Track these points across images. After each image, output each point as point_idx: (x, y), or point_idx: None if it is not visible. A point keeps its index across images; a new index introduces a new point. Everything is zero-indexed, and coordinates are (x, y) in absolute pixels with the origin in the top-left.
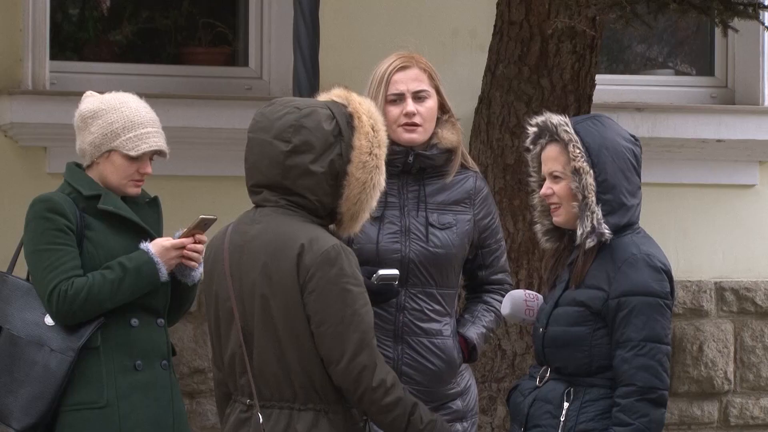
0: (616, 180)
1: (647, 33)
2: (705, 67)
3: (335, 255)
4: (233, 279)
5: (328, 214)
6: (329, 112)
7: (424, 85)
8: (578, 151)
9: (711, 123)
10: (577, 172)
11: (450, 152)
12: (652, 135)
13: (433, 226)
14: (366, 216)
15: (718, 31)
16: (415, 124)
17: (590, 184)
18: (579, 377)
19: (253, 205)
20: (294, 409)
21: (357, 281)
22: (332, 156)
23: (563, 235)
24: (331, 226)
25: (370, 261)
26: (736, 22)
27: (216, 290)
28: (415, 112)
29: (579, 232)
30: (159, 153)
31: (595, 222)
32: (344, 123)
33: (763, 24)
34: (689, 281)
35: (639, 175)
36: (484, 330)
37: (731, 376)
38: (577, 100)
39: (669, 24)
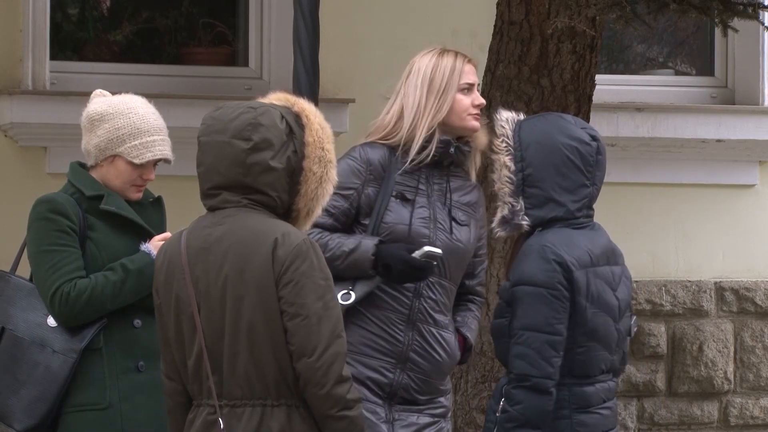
0: (545, 174)
1: (647, 33)
2: (705, 67)
3: (306, 249)
4: (195, 283)
5: (285, 212)
6: (279, 112)
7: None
8: (504, 145)
9: (711, 123)
10: (493, 163)
11: (476, 153)
12: (652, 135)
13: (455, 220)
14: (319, 211)
15: (718, 31)
16: (480, 114)
17: (505, 176)
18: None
19: (207, 210)
20: (267, 405)
21: (325, 276)
22: (288, 153)
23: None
24: None
25: (401, 241)
26: (736, 22)
27: (176, 296)
28: (484, 102)
29: (493, 223)
30: (164, 160)
31: (507, 213)
32: (293, 121)
33: (763, 24)
34: (689, 281)
35: (586, 174)
36: (475, 336)
37: (731, 376)
38: (577, 100)
39: (669, 24)
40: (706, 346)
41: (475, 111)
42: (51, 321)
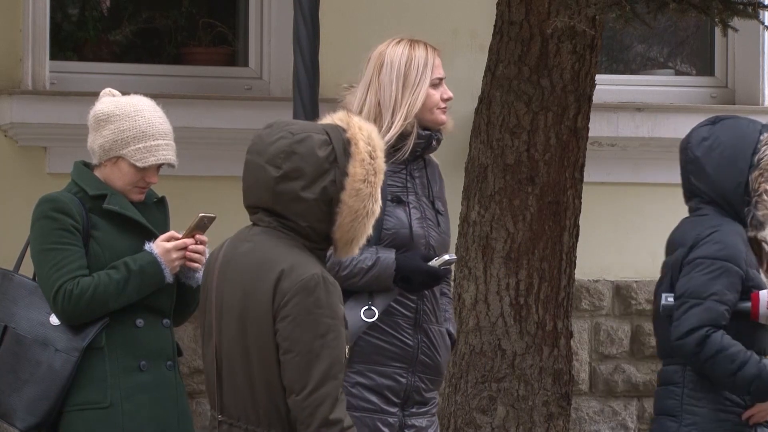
0: None
1: (647, 33)
2: (705, 67)
3: (314, 285)
4: (217, 294)
5: (323, 239)
6: (325, 138)
7: None
8: None
9: None
10: None
11: None
12: (652, 135)
13: (438, 213)
14: (362, 241)
15: (718, 31)
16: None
17: None
18: None
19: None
20: None
21: (332, 313)
22: (325, 183)
23: None
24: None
25: (405, 245)
26: (736, 22)
27: (205, 299)
28: (452, 96)
29: None
30: (167, 164)
31: None
32: (341, 149)
33: (763, 24)
34: None
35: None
36: (455, 329)
37: None
38: (577, 100)
39: (669, 24)
40: None
41: (444, 105)
42: (54, 319)
